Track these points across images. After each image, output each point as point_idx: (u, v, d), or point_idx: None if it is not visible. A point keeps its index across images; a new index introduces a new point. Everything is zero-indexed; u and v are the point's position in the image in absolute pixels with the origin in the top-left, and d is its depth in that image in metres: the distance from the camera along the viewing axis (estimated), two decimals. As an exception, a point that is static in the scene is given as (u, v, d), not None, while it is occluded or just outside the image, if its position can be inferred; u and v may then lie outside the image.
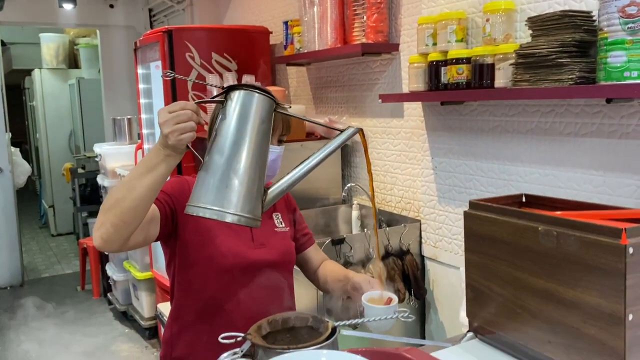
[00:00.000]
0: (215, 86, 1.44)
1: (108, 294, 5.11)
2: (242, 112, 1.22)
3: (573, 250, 1.07)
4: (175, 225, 1.57)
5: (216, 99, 1.27)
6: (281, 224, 1.75)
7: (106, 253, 4.01)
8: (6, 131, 5.84)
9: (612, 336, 1.04)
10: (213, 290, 1.61)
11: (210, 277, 1.60)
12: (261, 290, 1.63)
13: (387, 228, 2.69)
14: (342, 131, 1.32)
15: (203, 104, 1.34)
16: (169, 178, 1.43)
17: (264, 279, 1.63)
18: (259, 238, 1.65)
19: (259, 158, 1.23)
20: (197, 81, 1.79)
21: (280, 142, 1.63)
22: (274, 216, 1.76)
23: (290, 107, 1.50)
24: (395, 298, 1.50)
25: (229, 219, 1.18)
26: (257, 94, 1.23)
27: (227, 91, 1.25)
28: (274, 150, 1.58)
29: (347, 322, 1.27)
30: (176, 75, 1.33)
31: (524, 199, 1.42)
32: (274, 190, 1.28)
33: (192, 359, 1.64)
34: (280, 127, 1.60)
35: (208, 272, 1.60)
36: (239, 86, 1.24)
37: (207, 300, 1.62)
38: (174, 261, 1.65)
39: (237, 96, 1.23)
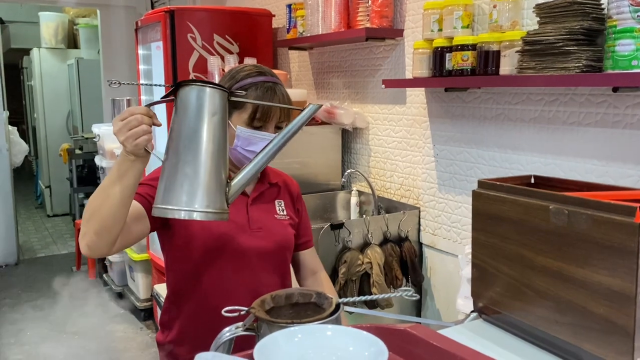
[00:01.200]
0: (163, 85, 1.42)
1: (104, 275, 5.11)
2: (190, 109, 1.20)
3: (584, 229, 1.07)
4: None
5: (167, 98, 1.26)
6: (283, 211, 1.73)
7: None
8: (4, 110, 5.80)
9: (622, 315, 1.04)
10: (208, 274, 1.60)
11: (205, 261, 1.59)
12: (256, 275, 1.62)
13: (386, 214, 2.69)
14: (302, 109, 1.29)
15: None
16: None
17: (259, 264, 1.62)
18: (256, 222, 1.63)
19: (216, 151, 1.21)
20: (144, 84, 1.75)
21: (278, 128, 1.62)
22: (276, 202, 1.73)
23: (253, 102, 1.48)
24: None
25: (196, 216, 1.19)
26: (201, 87, 1.21)
27: (176, 89, 1.23)
28: (267, 138, 1.57)
29: (352, 299, 1.27)
30: (122, 82, 1.32)
31: (532, 180, 1.41)
32: (237, 182, 1.27)
33: (188, 343, 1.63)
34: (278, 115, 1.59)
35: (202, 257, 1.59)
36: (185, 82, 1.23)
37: (202, 284, 1.61)
38: (168, 245, 1.64)
39: (182, 93, 1.21)
